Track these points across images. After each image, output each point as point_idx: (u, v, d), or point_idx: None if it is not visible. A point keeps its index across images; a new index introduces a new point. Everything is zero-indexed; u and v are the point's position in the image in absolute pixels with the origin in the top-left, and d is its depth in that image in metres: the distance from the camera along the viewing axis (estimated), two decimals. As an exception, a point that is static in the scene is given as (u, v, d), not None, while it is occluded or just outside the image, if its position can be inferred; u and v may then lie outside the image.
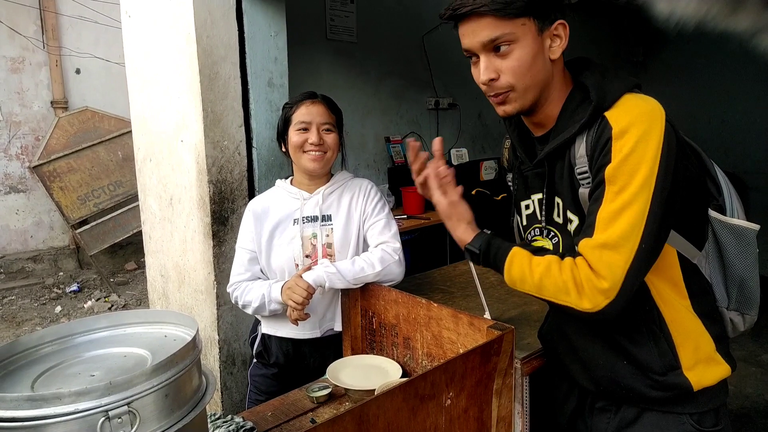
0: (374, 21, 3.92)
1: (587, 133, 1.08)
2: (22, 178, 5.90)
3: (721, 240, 1.14)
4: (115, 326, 0.99)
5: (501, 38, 1.06)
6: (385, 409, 1.02)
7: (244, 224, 1.86)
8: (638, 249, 1.01)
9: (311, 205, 1.80)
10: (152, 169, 2.59)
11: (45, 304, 5.32)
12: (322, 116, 1.77)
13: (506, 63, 1.07)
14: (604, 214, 1.03)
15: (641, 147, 1.00)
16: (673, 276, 1.13)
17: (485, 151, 4.86)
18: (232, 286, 1.83)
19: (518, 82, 1.08)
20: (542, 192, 1.22)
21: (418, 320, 1.50)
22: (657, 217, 1.01)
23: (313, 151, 1.75)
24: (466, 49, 1.13)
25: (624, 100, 1.06)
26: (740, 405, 3.04)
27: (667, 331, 1.12)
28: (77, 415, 0.71)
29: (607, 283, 1.01)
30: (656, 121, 1.02)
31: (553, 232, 1.22)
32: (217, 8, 2.19)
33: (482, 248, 1.18)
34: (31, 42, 5.79)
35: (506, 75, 1.08)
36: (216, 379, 2.39)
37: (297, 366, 1.85)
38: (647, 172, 1.00)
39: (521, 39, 1.06)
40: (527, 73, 1.08)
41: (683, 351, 1.12)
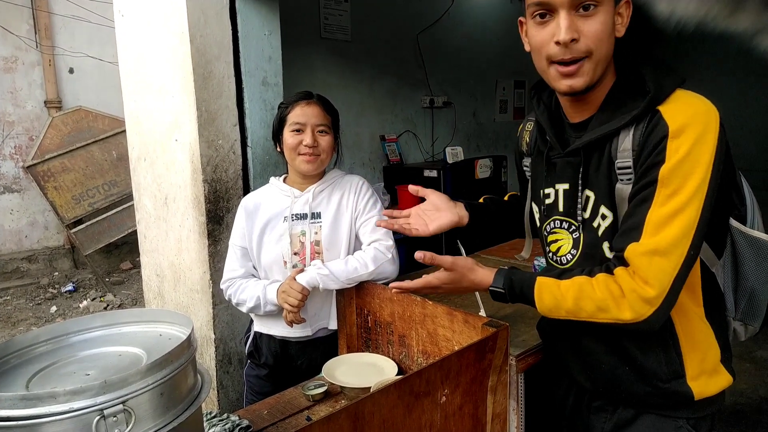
0: (368, 19, 3.92)
1: (635, 127, 1.02)
2: (16, 178, 5.88)
3: (739, 250, 1.12)
4: (110, 325, 0.99)
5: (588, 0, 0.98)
6: (380, 407, 1.02)
7: (236, 221, 1.87)
8: (687, 255, 0.98)
9: (301, 202, 1.80)
10: (147, 168, 2.59)
11: (40, 304, 5.31)
12: (317, 117, 1.76)
13: (589, 25, 0.99)
14: (654, 218, 0.98)
15: (697, 150, 0.96)
16: (693, 283, 1.10)
17: (480, 149, 4.87)
18: (225, 283, 1.84)
19: (597, 48, 1.01)
20: (570, 183, 1.15)
21: (414, 318, 1.50)
22: (705, 222, 0.98)
23: (307, 154, 1.74)
24: (542, 2, 1.01)
25: (678, 96, 1.01)
26: (734, 401, 3.06)
27: (676, 340, 1.11)
28: (72, 414, 0.71)
29: (654, 291, 0.98)
30: (712, 123, 0.98)
31: (574, 226, 1.16)
32: (210, 7, 2.19)
33: (506, 286, 1.15)
34: (24, 41, 5.76)
35: (587, 38, 1.00)
36: (212, 378, 2.39)
37: (286, 367, 1.85)
38: (701, 177, 0.96)
39: (606, 3, 1.00)
40: (606, 40, 1.02)
41: (690, 360, 1.11)
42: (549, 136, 1.19)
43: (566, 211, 1.18)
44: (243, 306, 1.78)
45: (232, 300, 1.81)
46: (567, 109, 1.16)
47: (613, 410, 1.21)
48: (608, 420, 1.22)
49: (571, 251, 1.18)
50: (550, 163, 1.20)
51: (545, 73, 1.08)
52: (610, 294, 1.01)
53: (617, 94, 1.08)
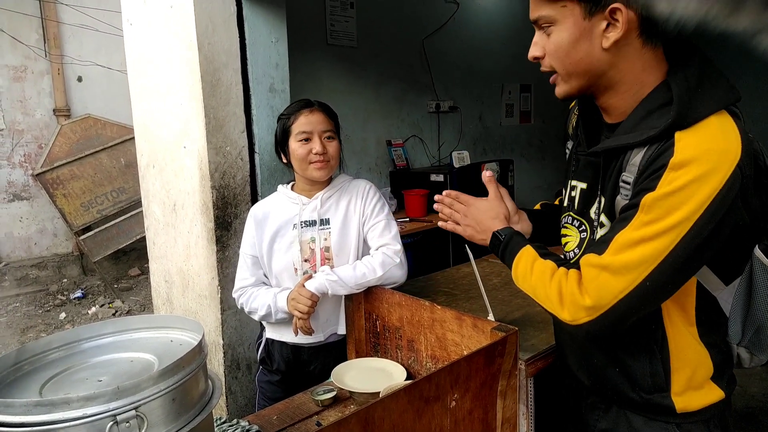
0: (374, 26, 3.93)
1: (650, 146, 0.98)
2: (25, 186, 5.93)
3: (755, 281, 1.08)
4: (122, 332, 0.99)
5: (540, 19, 1.03)
6: (390, 412, 1.02)
7: (246, 230, 1.88)
8: (640, 283, 0.95)
9: (310, 209, 1.81)
10: (155, 175, 2.61)
11: (49, 311, 5.34)
12: (322, 124, 1.76)
13: (548, 44, 1.04)
14: (621, 239, 0.97)
15: (693, 187, 0.90)
16: (685, 303, 1.08)
17: (486, 153, 4.87)
18: (237, 292, 1.85)
19: (557, 65, 1.04)
20: (588, 183, 1.15)
21: (422, 323, 1.50)
22: (677, 261, 0.93)
23: (318, 161, 1.74)
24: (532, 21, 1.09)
25: (705, 124, 0.93)
26: (745, 404, 3.04)
27: (666, 354, 1.09)
28: (85, 420, 0.71)
29: (590, 301, 0.99)
30: (724, 164, 0.90)
31: (584, 225, 1.16)
32: (218, 15, 2.21)
33: (506, 237, 1.21)
34: (33, 51, 5.82)
35: (548, 55, 1.05)
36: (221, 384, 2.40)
37: (299, 373, 1.85)
38: (686, 215, 0.90)
39: (561, 21, 1.00)
40: (565, 58, 1.02)
41: (677, 376, 1.09)
42: (579, 131, 1.19)
43: (579, 210, 1.18)
44: (255, 314, 1.79)
45: (245, 308, 1.82)
46: (605, 116, 1.14)
47: (605, 409, 1.21)
48: (601, 417, 1.22)
49: (575, 249, 1.18)
50: (576, 158, 1.21)
51: None
52: (557, 289, 1.05)
53: (650, 105, 1.01)
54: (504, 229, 1.23)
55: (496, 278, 2.07)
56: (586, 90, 1.06)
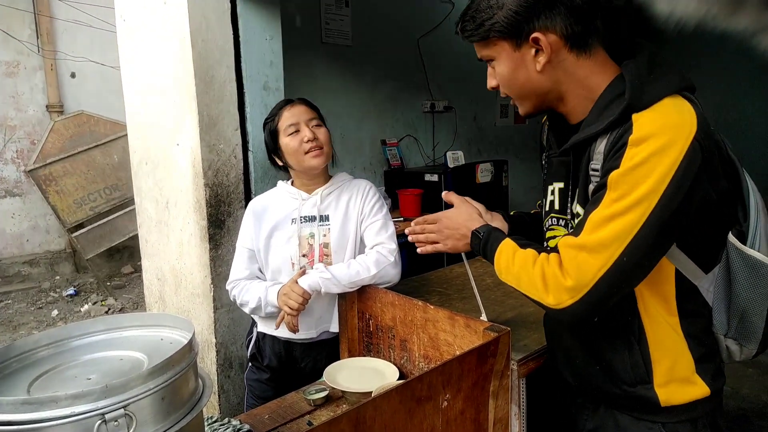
0: (369, 24, 3.92)
1: (611, 132, 1.04)
2: (17, 182, 5.89)
3: (733, 268, 1.10)
4: (112, 329, 0.99)
5: (484, 58, 1.16)
6: (381, 411, 1.02)
7: (244, 223, 1.88)
8: (618, 259, 0.98)
9: (309, 205, 1.81)
10: (148, 172, 2.59)
11: (41, 308, 5.31)
12: (306, 113, 1.80)
13: (497, 75, 1.16)
14: (594, 218, 1.00)
15: (654, 160, 0.94)
16: (666, 292, 1.10)
17: (481, 153, 4.87)
18: (231, 284, 1.85)
19: (508, 92, 1.16)
20: (564, 181, 1.21)
21: (415, 322, 1.50)
22: (650, 234, 0.97)
23: (313, 149, 1.75)
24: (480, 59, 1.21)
25: (660, 105, 0.99)
26: (737, 406, 3.05)
27: (644, 345, 1.10)
28: (74, 419, 0.71)
29: (571, 281, 1.01)
30: (680, 136, 0.95)
31: (571, 224, 1.19)
32: (212, 12, 2.19)
33: (485, 235, 1.22)
34: (26, 46, 5.78)
35: (500, 85, 1.17)
36: (213, 383, 2.39)
37: (290, 370, 1.85)
38: (651, 187, 0.95)
39: (498, 57, 1.13)
40: (512, 85, 1.14)
41: (658, 367, 1.10)
42: (549, 136, 1.27)
43: (561, 208, 1.22)
44: (246, 307, 1.79)
45: (236, 300, 1.82)
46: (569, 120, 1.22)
47: (593, 409, 1.22)
48: (589, 418, 1.23)
49: None
50: (549, 162, 1.28)
51: None
52: (541, 274, 1.06)
53: (607, 98, 1.08)
54: (481, 227, 1.25)
55: (489, 278, 2.08)
56: (541, 106, 1.16)
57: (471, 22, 1.12)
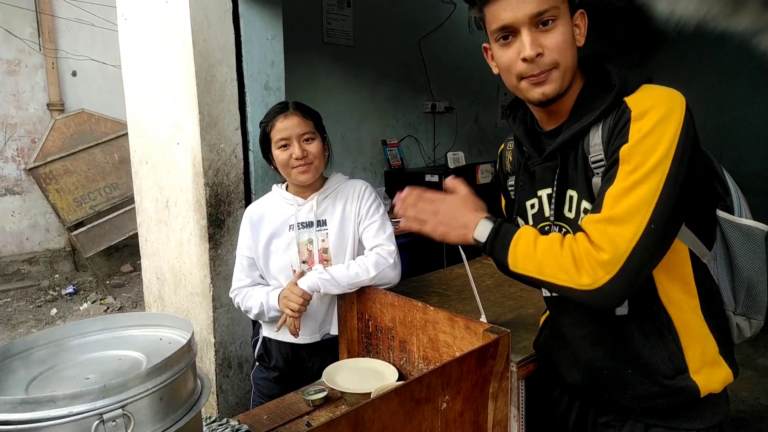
0: (371, 25, 3.92)
1: (604, 121, 1.06)
2: (18, 180, 5.89)
3: (729, 241, 1.11)
4: (110, 329, 0.99)
5: (548, 11, 1.03)
6: (380, 413, 1.01)
7: (241, 231, 1.88)
8: (647, 227, 0.96)
9: (306, 210, 1.80)
10: (148, 171, 2.59)
11: (40, 307, 5.30)
12: (299, 127, 1.74)
13: (551, 38, 1.04)
14: (613, 192, 0.99)
15: (660, 128, 0.97)
16: (684, 275, 1.10)
17: (482, 154, 4.87)
18: (233, 292, 1.87)
19: (562, 58, 1.05)
20: (552, 186, 1.16)
21: (415, 323, 1.50)
22: (670, 199, 0.97)
23: (300, 166, 1.73)
24: (504, 26, 1.06)
25: (644, 87, 1.05)
26: (736, 409, 3.05)
27: (675, 333, 1.09)
28: (71, 419, 0.71)
29: (607, 254, 0.96)
30: (677, 105, 1.00)
31: (565, 228, 1.16)
32: (213, 12, 2.19)
33: (497, 223, 1.11)
34: (27, 44, 5.78)
35: (551, 51, 1.04)
36: (212, 382, 2.39)
37: (297, 369, 1.85)
38: (663, 153, 0.96)
39: (562, 16, 1.05)
40: (569, 50, 1.06)
41: (690, 353, 1.10)
42: (525, 146, 1.21)
43: (552, 214, 1.18)
44: (250, 313, 1.81)
45: (241, 307, 1.84)
46: (541, 120, 1.20)
47: (620, 426, 1.18)
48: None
49: None
50: (529, 173, 1.22)
51: (516, 89, 1.12)
52: (571, 255, 1.00)
53: (586, 96, 1.11)
54: (492, 216, 1.15)
55: (489, 280, 2.07)
56: (568, 87, 1.10)
57: None
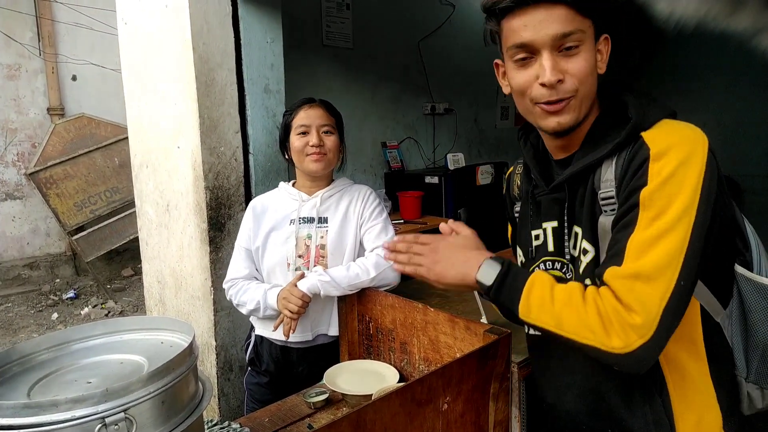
0: (370, 27, 3.93)
1: (618, 156, 0.97)
2: (18, 185, 5.89)
3: (746, 299, 1.00)
4: (112, 333, 0.99)
5: (574, 34, 0.94)
6: (382, 414, 1.02)
7: (243, 222, 1.90)
8: (676, 285, 0.87)
9: (309, 206, 1.82)
10: (149, 175, 2.60)
11: (41, 311, 5.31)
12: (320, 118, 1.80)
13: (573, 64, 0.95)
14: (636, 242, 0.89)
15: (682, 171, 0.88)
16: (693, 333, 0.98)
17: (481, 155, 4.87)
18: (228, 283, 1.85)
19: (583, 87, 0.97)
20: (558, 220, 1.08)
21: (415, 325, 1.50)
22: (697, 252, 0.88)
23: (314, 154, 1.77)
24: (524, 44, 0.97)
25: (663, 123, 0.96)
26: (737, 408, 3.04)
27: (666, 397, 0.98)
28: (74, 422, 0.71)
29: (639, 318, 0.86)
30: (699, 146, 0.90)
31: (567, 266, 1.07)
32: (213, 15, 2.20)
33: (505, 266, 0.98)
34: (27, 49, 5.79)
35: (572, 77, 0.96)
36: (213, 386, 2.39)
37: (287, 374, 1.85)
38: (688, 200, 0.87)
39: (587, 41, 0.96)
40: (590, 78, 0.98)
41: (683, 423, 0.98)
42: (534, 174, 1.13)
43: (556, 250, 1.09)
44: (243, 308, 1.79)
45: (233, 300, 1.83)
46: (552, 148, 1.11)
47: None
48: None
49: None
50: (536, 202, 1.14)
51: (530, 114, 1.04)
52: (597, 313, 0.89)
53: (600, 127, 1.03)
54: (499, 257, 1.01)
55: (489, 281, 2.07)
56: (584, 117, 1.02)
57: None
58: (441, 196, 3.77)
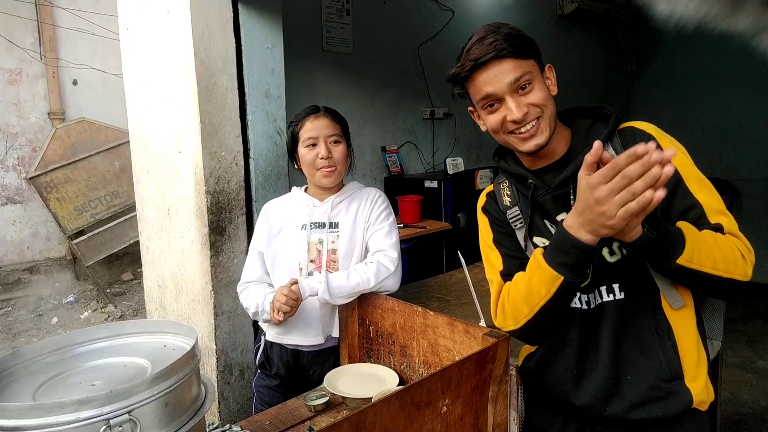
0: (370, 32, 3.95)
1: (608, 145, 1.17)
2: (18, 189, 5.90)
3: None
4: (115, 336, 1.00)
5: (524, 76, 1.14)
6: (381, 417, 1.03)
7: (257, 225, 1.92)
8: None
9: (320, 211, 1.84)
10: (150, 179, 2.61)
11: (41, 316, 5.31)
12: (327, 128, 1.81)
13: (530, 97, 1.15)
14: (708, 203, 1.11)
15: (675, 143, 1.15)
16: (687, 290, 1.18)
17: (481, 160, 4.89)
18: (241, 287, 1.88)
19: (545, 109, 1.16)
20: (566, 210, 1.19)
21: (415, 328, 1.51)
22: None
23: (325, 168, 1.79)
24: (488, 96, 1.17)
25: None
26: (736, 411, 3.06)
27: (673, 340, 1.15)
28: (79, 424, 0.72)
29: (753, 255, 1.09)
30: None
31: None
32: (214, 21, 2.22)
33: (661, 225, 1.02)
34: (28, 54, 5.81)
35: (534, 107, 1.15)
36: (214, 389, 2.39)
37: (298, 378, 1.86)
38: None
39: (536, 76, 1.16)
40: (548, 101, 1.17)
41: (687, 361, 1.15)
42: (532, 179, 1.24)
43: None
44: (249, 311, 1.82)
45: (243, 305, 1.86)
46: (530, 162, 1.26)
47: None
48: None
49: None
50: (536, 204, 1.25)
51: (509, 144, 1.22)
52: (739, 250, 1.08)
53: (582, 130, 1.23)
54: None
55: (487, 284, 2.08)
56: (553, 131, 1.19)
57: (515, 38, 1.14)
58: (440, 201, 3.78)
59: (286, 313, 1.66)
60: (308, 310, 1.77)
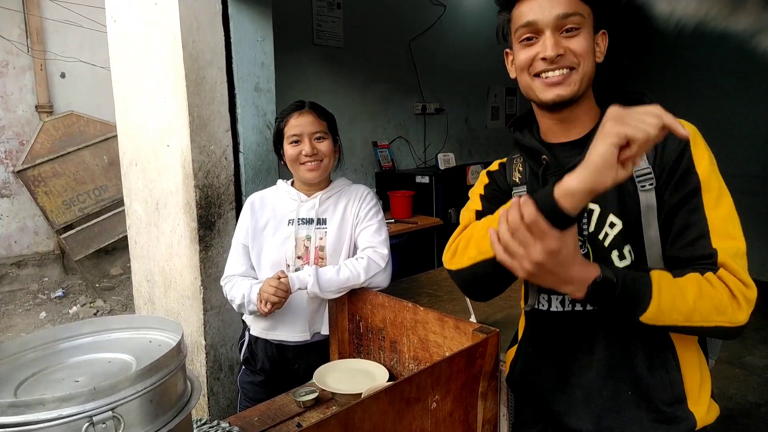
0: (361, 26, 3.93)
1: None
2: (6, 183, 5.83)
3: None
4: (100, 332, 0.98)
5: (574, 16, 1.04)
6: (371, 413, 1.02)
7: (241, 218, 1.89)
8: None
9: (307, 207, 1.82)
10: (138, 173, 2.58)
11: (29, 310, 5.26)
12: (311, 125, 1.79)
13: (573, 43, 1.04)
14: (717, 222, 1.00)
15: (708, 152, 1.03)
16: None
17: (472, 155, 4.89)
18: (225, 280, 1.86)
19: (582, 62, 1.05)
20: None
21: (405, 324, 1.51)
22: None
23: (308, 162, 1.77)
24: (528, 23, 1.06)
25: None
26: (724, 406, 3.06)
27: (677, 361, 1.08)
28: (61, 421, 0.71)
29: (753, 293, 0.97)
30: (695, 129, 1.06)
31: (584, 243, 1.10)
32: (203, 13, 2.19)
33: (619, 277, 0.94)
34: (15, 46, 5.73)
35: (572, 53, 1.05)
36: (202, 385, 2.38)
37: (283, 372, 1.85)
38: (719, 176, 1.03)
39: (586, 27, 1.06)
40: (589, 56, 1.06)
41: (690, 381, 1.09)
42: (546, 156, 1.14)
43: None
44: (234, 303, 1.80)
45: (227, 296, 1.83)
46: (547, 132, 1.16)
47: None
48: None
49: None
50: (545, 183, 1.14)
51: (531, 90, 1.11)
52: (727, 294, 0.96)
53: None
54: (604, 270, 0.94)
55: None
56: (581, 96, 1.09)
57: None
58: (431, 196, 3.78)
59: (274, 305, 1.64)
60: (295, 305, 1.76)
